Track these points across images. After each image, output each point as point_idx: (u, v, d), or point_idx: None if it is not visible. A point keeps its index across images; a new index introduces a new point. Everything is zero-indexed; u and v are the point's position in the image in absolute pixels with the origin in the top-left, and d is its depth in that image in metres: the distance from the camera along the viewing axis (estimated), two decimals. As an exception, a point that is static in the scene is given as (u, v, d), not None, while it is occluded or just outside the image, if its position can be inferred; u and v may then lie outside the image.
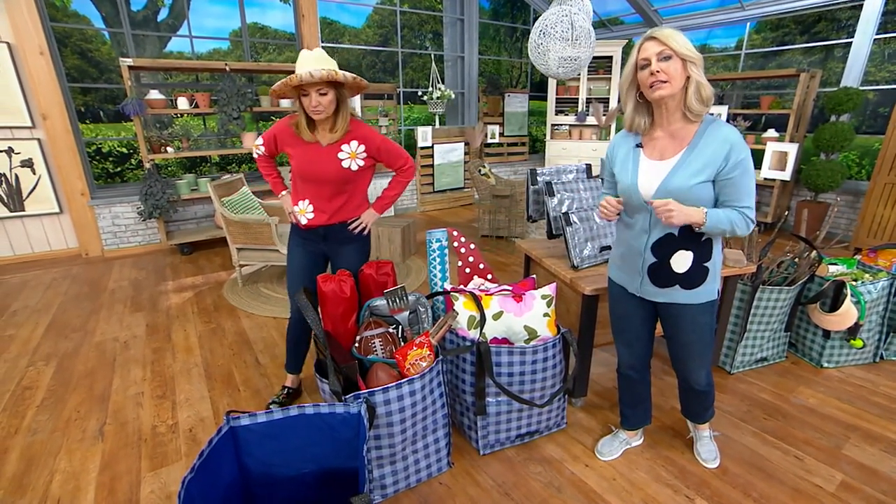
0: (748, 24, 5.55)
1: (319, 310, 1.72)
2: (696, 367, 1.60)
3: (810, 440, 1.91)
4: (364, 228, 1.96)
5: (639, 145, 1.44)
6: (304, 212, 1.87)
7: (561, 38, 2.99)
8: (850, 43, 4.56)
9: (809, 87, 4.56)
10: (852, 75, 4.53)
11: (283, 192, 2.01)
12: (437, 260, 1.94)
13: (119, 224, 4.31)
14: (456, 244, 2.04)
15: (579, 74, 5.08)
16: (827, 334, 2.36)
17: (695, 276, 1.44)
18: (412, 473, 1.69)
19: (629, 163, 1.45)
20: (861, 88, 4.41)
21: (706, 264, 1.43)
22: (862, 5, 4.42)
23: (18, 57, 3.70)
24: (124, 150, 5.29)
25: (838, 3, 4.63)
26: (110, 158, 5.26)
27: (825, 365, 2.40)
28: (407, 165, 1.98)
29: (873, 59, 4.56)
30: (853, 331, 2.30)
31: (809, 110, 4.72)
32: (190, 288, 3.61)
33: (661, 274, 1.46)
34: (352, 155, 1.82)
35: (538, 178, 2.19)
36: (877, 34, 4.41)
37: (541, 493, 1.67)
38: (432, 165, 6.03)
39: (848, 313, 2.21)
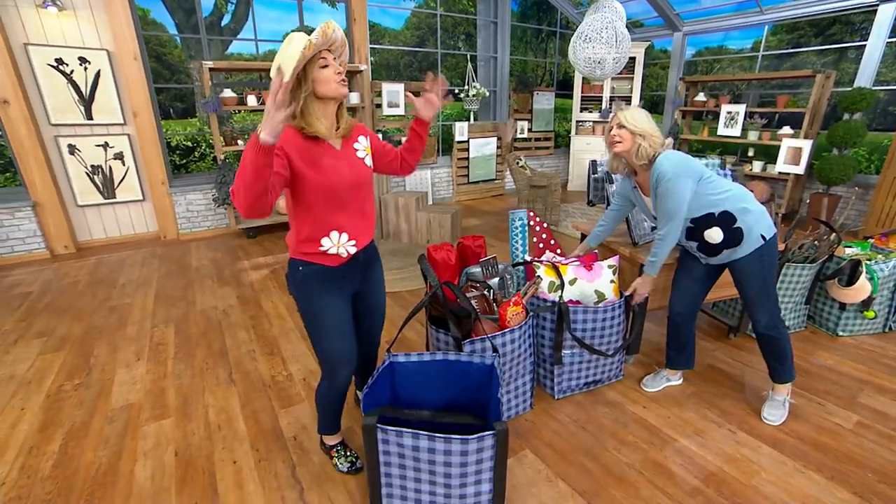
0: (766, 26, 5.84)
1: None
2: (755, 310, 1.94)
3: (829, 391, 2.26)
4: None
5: (635, 187, 2.04)
6: (341, 244, 1.41)
7: (606, 42, 3.34)
8: (864, 45, 4.84)
9: (824, 87, 4.87)
10: (865, 76, 4.81)
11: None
12: (519, 235, 2.31)
13: (192, 210, 4.73)
14: (532, 223, 2.41)
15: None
16: (843, 306, 2.72)
17: (734, 237, 1.83)
18: (504, 411, 2.05)
19: (632, 196, 2.09)
20: (874, 88, 4.70)
21: (735, 227, 1.81)
22: (876, 10, 4.71)
23: (116, 62, 4.13)
24: (189, 143, 5.80)
25: (854, 8, 4.92)
26: (177, 151, 5.72)
27: (840, 333, 2.76)
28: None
29: (885, 61, 4.84)
30: (867, 303, 2.66)
31: (823, 109, 5.02)
32: (265, 266, 4.00)
33: (707, 249, 1.90)
34: (367, 150, 1.46)
35: (598, 168, 2.55)
36: (889, 38, 4.69)
37: (610, 427, 2.04)
38: (468, 158, 6.38)
39: (863, 287, 2.57)
